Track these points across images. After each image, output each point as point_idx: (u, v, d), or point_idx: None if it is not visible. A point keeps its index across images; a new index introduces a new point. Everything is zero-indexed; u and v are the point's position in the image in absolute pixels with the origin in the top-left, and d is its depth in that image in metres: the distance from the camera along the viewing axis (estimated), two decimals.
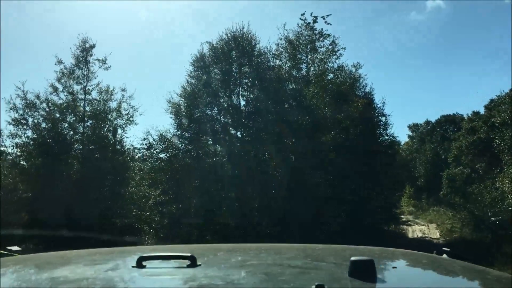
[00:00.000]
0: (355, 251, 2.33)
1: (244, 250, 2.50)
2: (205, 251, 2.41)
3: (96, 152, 23.68)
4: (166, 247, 2.98)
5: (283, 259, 2.14)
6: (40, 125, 23.81)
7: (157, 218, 24.12)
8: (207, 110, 25.31)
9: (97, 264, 2.10)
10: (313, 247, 2.60)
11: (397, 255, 2.35)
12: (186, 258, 1.83)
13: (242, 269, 1.90)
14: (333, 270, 1.90)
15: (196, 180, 24.18)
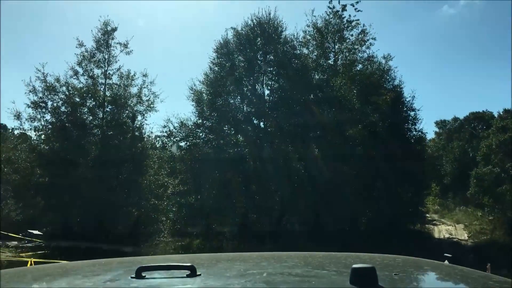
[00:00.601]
0: (356, 259, 2.24)
1: (244, 259, 2.43)
2: (205, 260, 2.32)
3: (115, 138, 22.86)
4: (165, 257, 3.06)
5: (284, 268, 2.10)
6: (59, 108, 23.11)
7: (175, 209, 23.27)
8: (229, 98, 24.28)
9: (96, 275, 2.05)
10: (314, 255, 2.55)
11: (398, 262, 2.23)
12: (186, 268, 1.77)
13: (243, 278, 1.83)
14: (334, 278, 1.84)
15: (216, 171, 23.22)
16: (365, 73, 25.66)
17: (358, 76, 24.86)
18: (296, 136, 22.96)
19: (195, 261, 1.92)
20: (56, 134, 23.07)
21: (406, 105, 29.62)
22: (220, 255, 2.99)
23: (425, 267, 2.16)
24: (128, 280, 1.77)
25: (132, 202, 22.00)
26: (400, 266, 2.10)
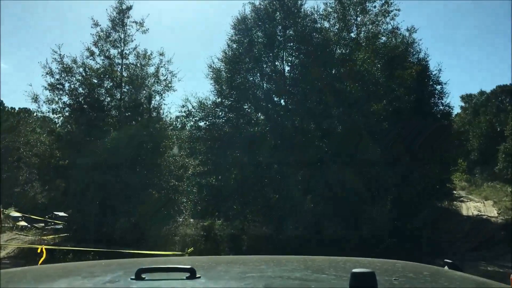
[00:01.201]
0: (356, 263, 2.22)
1: (244, 262, 2.39)
2: (204, 263, 2.28)
3: (133, 119, 22.26)
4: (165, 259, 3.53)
5: (284, 271, 2.05)
6: (76, 90, 22.56)
7: (195, 190, 22.67)
8: (249, 76, 23.37)
9: (96, 276, 2.04)
10: (314, 258, 2.57)
11: (398, 266, 2.21)
12: (186, 270, 1.75)
13: (242, 281, 1.82)
14: (334, 282, 1.82)
15: (236, 150, 22.48)
16: (389, 46, 24.44)
17: (382, 49, 23.65)
18: (318, 113, 21.98)
19: (194, 264, 1.88)
20: (74, 116, 22.62)
21: (432, 79, 28.40)
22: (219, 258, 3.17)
23: (425, 272, 2.10)
24: (128, 282, 1.74)
25: (152, 184, 21.44)
26: (400, 271, 2.08)
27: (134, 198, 20.83)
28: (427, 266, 2.29)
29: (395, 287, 1.75)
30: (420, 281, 1.93)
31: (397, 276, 1.90)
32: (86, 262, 2.45)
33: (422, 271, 2.13)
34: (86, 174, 21.19)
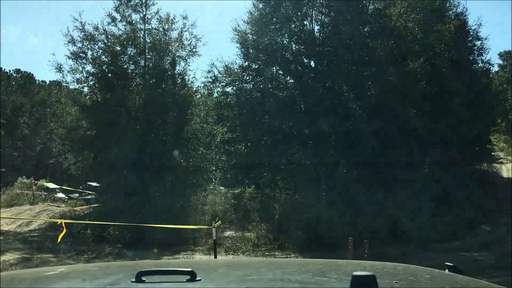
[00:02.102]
0: (357, 266, 2.13)
1: (244, 265, 2.42)
2: (205, 266, 2.30)
3: (157, 86, 21.24)
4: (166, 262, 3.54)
5: (284, 274, 2.02)
6: (99, 58, 21.65)
7: (224, 158, 21.71)
8: (276, 37, 21.89)
9: (96, 279, 2.01)
10: (314, 261, 2.56)
11: (398, 270, 2.13)
12: (186, 273, 1.71)
13: (243, 284, 1.81)
14: (335, 285, 1.81)
15: (265, 116, 21.30)
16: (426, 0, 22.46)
17: (419, 3, 21.72)
18: (350, 74, 20.47)
19: (195, 266, 1.84)
20: (98, 85, 21.81)
21: (471, 35, 26.37)
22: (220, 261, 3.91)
23: (426, 276, 2.02)
24: (128, 284, 1.72)
25: (180, 152, 20.58)
26: (401, 274, 2.03)
27: (162, 167, 20.04)
28: (428, 269, 2.26)
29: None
30: (421, 284, 1.88)
31: (398, 279, 1.86)
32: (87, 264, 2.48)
33: (423, 274, 2.08)
34: (113, 144, 20.49)
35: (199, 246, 15.37)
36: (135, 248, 14.68)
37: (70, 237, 12.11)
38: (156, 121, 20.59)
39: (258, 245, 15.11)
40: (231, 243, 15.22)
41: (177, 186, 20.13)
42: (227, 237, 15.88)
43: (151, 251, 14.36)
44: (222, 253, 14.22)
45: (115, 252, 12.55)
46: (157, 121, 20.62)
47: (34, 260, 12.47)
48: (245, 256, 14.35)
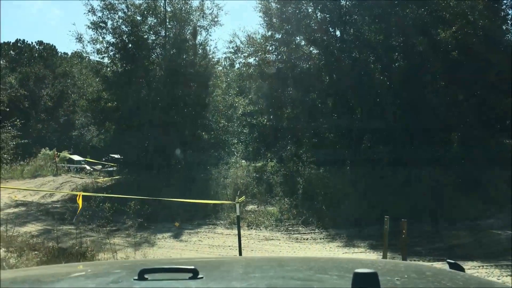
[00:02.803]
0: (359, 264, 2.22)
1: (246, 263, 2.40)
2: (207, 263, 2.31)
3: (178, 57, 20.61)
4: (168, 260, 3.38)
5: (286, 271, 2.03)
6: (119, 28, 21.09)
7: (246, 130, 21.13)
8: (301, 5, 20.88)
9: (98, 277, 2.01)
10: (316, 259, 2.68)
11: (400, 267, 2.20)
12: (188, 270, 1.71)
13: (244, 282, 1.80)
14: (336, 282, 1.78)
15: (289, 87, 20.55)
16: None
17: None
18: (377, 44, 19.48)
19: (197, 264, 1.80)
20: (119, 56, 21.31)
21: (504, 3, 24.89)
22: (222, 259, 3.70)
23: (428, 273, 2.03)
24: (131, 282, 1.71)
25: (200, 124, 20.06)
26: (402, 271, 2.02)
27: (183, 140, 19.59)
28: (430, 266, 2.29)
29: (398, 287, 1.69)
30: (422, 281, 1.84)
31: (400, 276, 1.83)
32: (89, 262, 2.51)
33: (425, 271, 2.05)
34: (134, 116, 20.10)
35: (220, 220, 14.96)
36: (156, 221, 14.35)
37: (89, 210, 11.76)
38: (177, 92, 20.05)
39: (281, 220, 14.60)
40: (253, 218, 14.74)
41: (198, 158, 19.68)
42: (249, 211, 15.39)
43: (172, 225, 14.00)
44: (245, 228, 13.78)
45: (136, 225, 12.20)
46: (178, 92, 20.08)
47: (55, 232, 12.19)
48: (268, 231, 13.89)
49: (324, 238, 12.91)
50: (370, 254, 11.13)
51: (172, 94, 19.90)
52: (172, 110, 19.91)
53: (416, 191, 15.07)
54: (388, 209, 13.88)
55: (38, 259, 10.52)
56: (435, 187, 15.09)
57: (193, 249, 11.98)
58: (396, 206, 13.80)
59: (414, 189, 15.41)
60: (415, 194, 14.79)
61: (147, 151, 20.27)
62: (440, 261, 10.18)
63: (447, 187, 15.19)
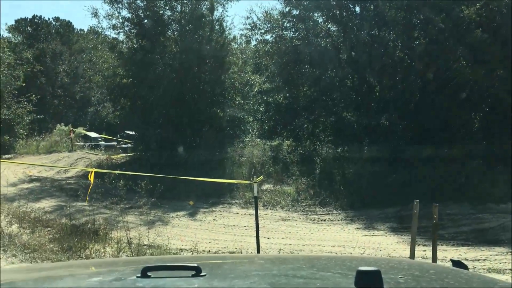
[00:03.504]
0: (362, 261, 2.04)
1: (249, 261, 2.39)
2: (210, 261, 2.29)
3: (194, 33, 19.96)
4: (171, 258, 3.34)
5: (289, 270, 1.98)
6: (135, 3, 20.47)
7: (262, 108, 20.53)
8: None
9: (101, 274, 2.00)
10: (319, 257, 2.53)
11: (404, 265, 2.11)
12: (191, 268, 1.69)
13: (247, 280, 1.77)
14: (339, 280, 1.77)
15: (306, 65, 19.83)
16: None
17: None
18: (397, 21, 18.61)
19: (200, 262, 1.81)
20: (134, 32, 20.76)
21: None
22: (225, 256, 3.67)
23: (431, 271, 1.99)
24: (134, 280, 1.70)
25: (216, 102, 19.51)
26: (406, 269, 1.98)
27: (198, 117, 19.09)
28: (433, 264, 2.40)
29: (401, 285, 1.66)
30: (426, 279, 1.83)
31: (403, 274, 1.80)
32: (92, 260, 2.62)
33: (428, 269, 2.03)
34: (149, 92, 19.61)
35: (236, 199, 14.53)
36: (170, 200, 13.96)
37: (102, 187, 11.39)
38: (193, 69, 19.47)
39: (298, 200, 14.12)
40: (269, 197, 14.28)
41: (214, 136, 19.19)
42: (265, 190, 14.91)
43: (186, 203, 13.61)
44: (260, 207, 13.31)
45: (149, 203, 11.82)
46: (193, 69, 19.50)
47: (68, 209, 11.88)
48: (284, 211, 13.43)
49: (342, 220, 12.42)
50: (390, 237, 10.62)
51: (187, 71, 19.33)
52: (188, 87, 19.36)
53: (439, 171, 14.42)
54: (409, 190, 13.35)
55: (50, 236, 10.22)
56: (459, 167, 14.41)
57: (208, 228, 11.59)
58: (418, 187, 13.22)
59: (437, 169, 14.76)
60: (438, 175, 14.15)
61: (162, 128, 19.82)
62: (465, 246, 9.66)
63: (472, 167, 14.49)
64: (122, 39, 22.13)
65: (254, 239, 9.53)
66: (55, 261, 8.41)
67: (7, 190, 15.09)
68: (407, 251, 9.28)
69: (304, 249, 9.37)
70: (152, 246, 9.10)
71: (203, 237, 10.37)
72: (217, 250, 9.26)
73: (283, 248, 9.22)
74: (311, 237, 10.64)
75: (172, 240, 9.81)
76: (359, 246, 9.45)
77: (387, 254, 8.86)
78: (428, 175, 14.15)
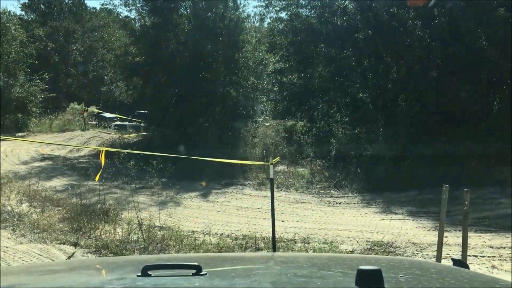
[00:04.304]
0: (362, 261, 2.08)
1: (249, 259, 2.36)
2: (210, 260, 2.20)
3: (207, 10, 19.36)
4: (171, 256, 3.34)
5: (289, 268, 1.98)
6: None
7: (276, 88, 19.99)
8: None
9: (102, 273, 2.00)
10: (320, 256, 2.63)
11: (404, 264, 2.10)
12: (192, 267, 1.67)
13: (248, 278, 1.75)
14: (340, 279, 1.75)
15: (322, 44, 19.20)
16: None
17: None
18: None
19: (200, 260, 1.80)
20: (146, 9, 20.23)
21: None
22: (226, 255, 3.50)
23: (432, 270, 1.97)
24: (134, 279, 1.67)
25: (229, 81, 19.01)
26: (407, 268, 1.96)
27: (211, 96, 18.63)
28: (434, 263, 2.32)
29: (402, 284, 1.63)
30: (426, 278, 1.80)
31: (404, 273, 1.77)
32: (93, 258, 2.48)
33: (429, 268, 2.01)
34: (162, 71, 19.17)
35: (249, 180, 14.15)
36: (182, 180, 13.63)
37: (114, 167, 11.06)
38: (206, 47, 18.92)
39: (312, 182, 13.69)
40: (283, 179, 13.88)
41: (226, 116, 18.74)
42: (278, 172, 14.50)
43: (198, 184, 13.25)
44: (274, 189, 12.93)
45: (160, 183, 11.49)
46: (206, 47, 18.94)
47: (79, 188, 11.60)
48: (298, 193, 13.03)
49: (359, 203, 11.99)
50: (409, 221, 10.17)
51: (200, 49, 18.80)
52: (201, 66, 18.86)
53: (459, 154, 13.85)
54: (427, 173, 12.85)
55: (60, 215, 9.95)
56: (480, 150, 13.81)
57: (221, 210, 11.24)
58: (436, 170, 12.71)
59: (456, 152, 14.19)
60: (457, 158, 13.59)
61: (174, 107, 19.41)
62: (488, 233, 9.19)
63: (494, 150, 13.87)
64: (134, 16, 21.66)
65: (268, 222, 9.16)
66: (64, 241, 8.15)
67: (19, 168, 14.87)
68: (427, 236, 8.85)
69: (320, 233, 8.97)
70: (163, 227, 8.78)
71: (215, 219, 10.02)
72: (230, 233, 8.90)
73: (298, 232, 8.83)
74: (326, 220, 10.24)
75: (184, 222, 9.48)
76: (377, 231, 9.03)
77: (407, 240, 8.42)
78: (448, 158, 13.60)
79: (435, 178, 12.51)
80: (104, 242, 7.85)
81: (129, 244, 7.77)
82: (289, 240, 8.25)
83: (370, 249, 7.80)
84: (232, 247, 7.61)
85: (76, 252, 7.54)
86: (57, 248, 7.80)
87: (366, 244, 8.05)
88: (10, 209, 9.93)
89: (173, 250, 7.57)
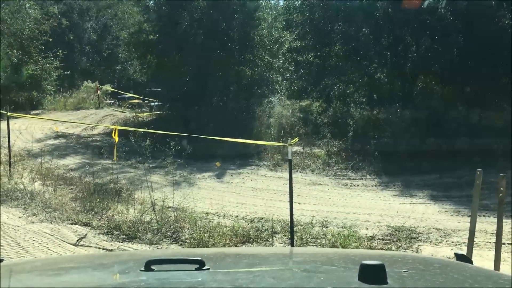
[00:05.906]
0: (366, 255, 2.02)
1: (252, 254, 2.31)
2: (213, 255, 2.16)
3: None
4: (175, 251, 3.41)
5: (292, 263, 2.01)
6: None
7: (292, 67, 19.44)
8: None
9: (105, 268, 1.98)
10: (323, 251, 2.49)
11: (407, 259, 2.09)
12: (195, 261, 1.66)
13: (251, 273, 1.75)
14: (343, 274, 1.74)
15: (339, 22, 18.54)
16: None
17: None
18: None
19: (203, 255, 1.78)
20: None
21: None
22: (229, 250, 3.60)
23: (435, 265, 1.93)
24: (137, 273, 1.67)
25: (244, 60, 18.50)
26: (410, 263, 1.94)
27: (226, 75, 18.18)
28: (437, 258, 2.18)
29: (405, 279, 1.62)
30: (430, 273, 1.77)
31: (407, 268, 1.76)
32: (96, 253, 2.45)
33: (432, 263, 1.98)
34: (176, 49, 18.72)
35: (264, 161, 13.78)
36: (196, 160, 13.30)
37: (127, 146, 10.77)
38: (221, 24, 18.38)
39: (329, 164, 13.28)
40: (299, 160, 13.47)
41: (241, 96, 18.30)
42: (294, 152, 14.04)
43: (212, 164, 12.92)
44: None
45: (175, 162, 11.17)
46: (221, 25, 18.41)
47: (92, 166, 11.34)
48: (315, 175, 12.64)
49: (377, 186, 11.58)
50: (430, 205, 9.75)
51: (215, 27, 18.29)
52: (215, 44, 18.37)
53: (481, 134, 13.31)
54: (449, 156, 12.36)
55: (73, 194, 9.72)
56: (502, 132, 13.24)
57: (235, 191, 10.92)
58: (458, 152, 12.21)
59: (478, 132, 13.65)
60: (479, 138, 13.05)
61: (188, 86, 19.01)
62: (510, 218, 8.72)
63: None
64: None
65: (283, 204, 8.82)
66: (76, 221, 7.90)
67: (32, 146, 14.68)
68: (451, 222, 8.44)
69: (338, 216, 8.61)
70: (177, 209, 8.48)
71: (230, 201, 9.71)
72: (245, 215, 8.58)
73: (316, 216, 8.47)
74: (344, 203, 9.86)
75: (198, 203, 9.17)
76: (398, 215, 8.63)
77: (430, 225, 8.02)
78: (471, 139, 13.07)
79: (457, 161, 12.06)
80: (116, 223, 7.58)
81: (141, 225, 7.49)
82: (307, 223, 7.90)
83: (391, 234, 7.42)
84: (248, 230, 7.28)
85: (88, 234, 7.29)
86: (69, 229, 7.55)
87: (387, 229, 7.66)
88: (22, 187, 9.71)
89: (186, 233, 7.26)
